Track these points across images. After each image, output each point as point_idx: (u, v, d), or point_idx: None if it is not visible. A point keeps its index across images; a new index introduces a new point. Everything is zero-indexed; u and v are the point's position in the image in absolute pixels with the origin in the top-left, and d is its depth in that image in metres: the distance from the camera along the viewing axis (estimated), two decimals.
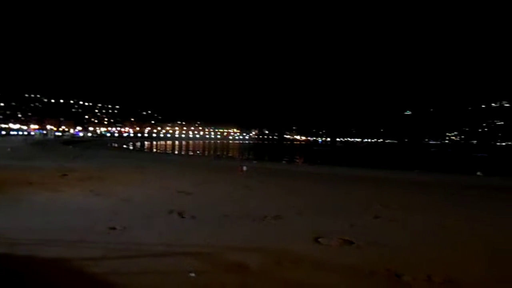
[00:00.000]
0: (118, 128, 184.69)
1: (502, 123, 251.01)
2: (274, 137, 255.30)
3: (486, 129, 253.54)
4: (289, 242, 5.51)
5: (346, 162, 38.50)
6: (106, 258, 4.57)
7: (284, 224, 6.73)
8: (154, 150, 64.27)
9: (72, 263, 4.36)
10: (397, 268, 4.45)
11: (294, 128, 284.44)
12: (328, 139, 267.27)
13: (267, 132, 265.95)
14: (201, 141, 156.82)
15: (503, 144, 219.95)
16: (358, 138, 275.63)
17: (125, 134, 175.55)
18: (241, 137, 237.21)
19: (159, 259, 4.63)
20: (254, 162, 28.59)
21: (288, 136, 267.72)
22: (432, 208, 9.03)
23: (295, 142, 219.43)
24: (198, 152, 60.93)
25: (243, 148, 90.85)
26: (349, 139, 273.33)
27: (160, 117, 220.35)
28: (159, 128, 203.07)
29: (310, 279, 4.13)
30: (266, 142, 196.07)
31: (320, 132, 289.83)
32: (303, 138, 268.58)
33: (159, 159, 31.83)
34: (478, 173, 23.57)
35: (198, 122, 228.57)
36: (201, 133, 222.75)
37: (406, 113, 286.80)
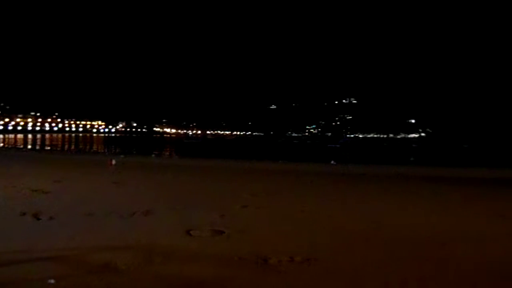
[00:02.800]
0: None
1: (351, 117, 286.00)
2: (143, 130, 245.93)
3: (338, 123, 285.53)
4: (160, 237, 5.42)
5: (216, 154, 39.34)
6: None
7: (155, 219, 6.59)
8: (1, 144, 56.08)
9: None
10: (264, 252, 4.75)
11: (164, 120, 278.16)
12: (199, 131, 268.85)
13: (135, 124, 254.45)
14: (59, 135, 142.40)
15: (352, 136, 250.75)
16: (228, 130, 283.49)
17: None
18: (106, 130, 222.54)
19: (10, 269, 4.08)
20: (122, 156, 27.18)
21: (158, 129, 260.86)
22: (293, 194, 9.87)
23: (165, 135, 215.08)
24: (56, 146, 55.19)
25: (109, 141, 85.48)
26: (219, 131, 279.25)
27: (8, 107, 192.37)
28: (7, 120, 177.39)
29: (181, 271, 4.14)
30: (134, 135, 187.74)
31: (191, 125, 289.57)
32: (174, 130, 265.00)
33: (7, 154, 27.92)
34: (332, 162, 26.52)
35: (56, 114, 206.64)
36: (60, 125, 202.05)
37: (271, 107, 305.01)
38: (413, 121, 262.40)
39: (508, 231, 6.32)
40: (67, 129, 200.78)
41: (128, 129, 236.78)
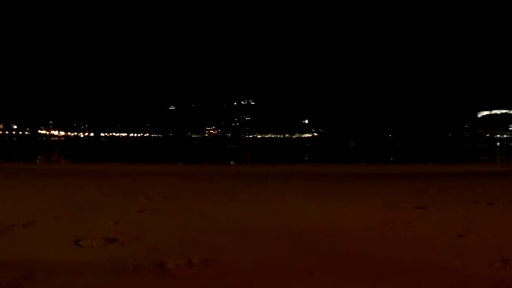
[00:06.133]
0: None
1: (249, 118, 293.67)
2: (26, 133, 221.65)
3: (237, 124, 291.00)
4: (44, 251, 4.90)
5: (111, 157, 37.25)
6: None
7: (37, 231, 5.94)
8: None
9: None
10: (161, 258, 4.58)
11: (51, 122, 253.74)
12: (92, 134, 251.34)
13: (15, 127, 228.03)
14: None
15: (251, 136, 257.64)
16: (124, 132, 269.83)
17: None
18: None
19: None
20: None
21: (44, 132, 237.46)
22: (192, 196, 9.73)
23: (52, 138, 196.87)
24: None
25: None
26: (114, 133, 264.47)
27: None
28: None
29: (68, 286, 3.78)
30: (14, 138, 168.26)
31: (82, 127, 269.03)
32: (62, 133, 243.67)
33: None
34: (231, 162, 26.97)
35: None
36: None
37: (170, 108, 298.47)
38: (306, 121, 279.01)
39: (397, 222, 7.00)
40: None
41: (7, 132, 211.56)
